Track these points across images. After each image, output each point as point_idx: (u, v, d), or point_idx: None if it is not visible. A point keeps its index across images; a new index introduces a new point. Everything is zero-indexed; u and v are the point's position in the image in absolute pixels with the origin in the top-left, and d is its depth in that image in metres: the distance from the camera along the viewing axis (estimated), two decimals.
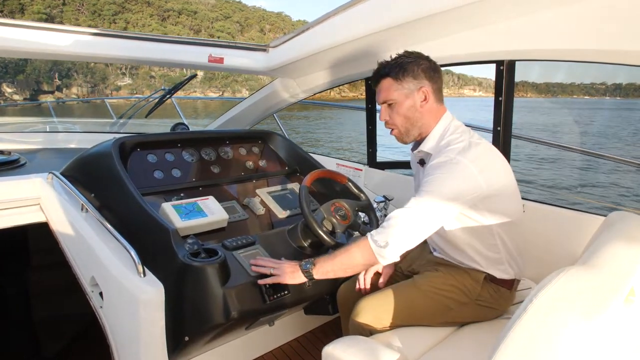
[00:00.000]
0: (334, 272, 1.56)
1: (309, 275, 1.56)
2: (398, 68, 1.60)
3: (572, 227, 1.98)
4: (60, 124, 5.70)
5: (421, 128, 1.66)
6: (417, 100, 1.62)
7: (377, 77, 1.66)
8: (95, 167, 2.02)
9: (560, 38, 1.78)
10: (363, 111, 2.86)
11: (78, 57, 2.50)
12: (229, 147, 2.44)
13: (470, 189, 1.48)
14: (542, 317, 0.89)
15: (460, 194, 1.48)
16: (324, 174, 2.00)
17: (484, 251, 1.64)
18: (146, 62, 2.69)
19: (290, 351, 2.32)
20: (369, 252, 1.48)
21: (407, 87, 1.61)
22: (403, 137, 1.70)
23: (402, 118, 1.64)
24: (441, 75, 1.67)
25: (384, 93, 1.65)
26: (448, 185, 1.47)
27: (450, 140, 1.57)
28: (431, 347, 1.58)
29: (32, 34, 2.30)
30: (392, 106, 1.65)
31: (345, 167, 3.05)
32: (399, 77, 1.60)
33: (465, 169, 1.47)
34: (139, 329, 1.59)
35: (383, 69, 1.64)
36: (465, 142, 1.55)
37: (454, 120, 1.66)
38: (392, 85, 1.62)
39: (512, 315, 1.67)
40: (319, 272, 1.55)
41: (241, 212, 2.11)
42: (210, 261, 1.52)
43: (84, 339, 2.63)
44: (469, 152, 1.50)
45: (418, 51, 1.66)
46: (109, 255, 1.70)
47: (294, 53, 2.48)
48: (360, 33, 2.07)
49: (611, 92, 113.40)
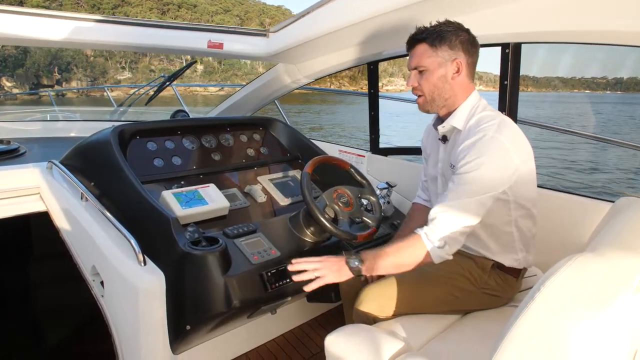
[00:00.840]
0: (385, 270, 1.50)
1: (358, 273, 1.49)
2: (436, 35, 1.54)
3: (580, 213, 1.95)
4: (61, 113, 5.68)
5: (447, 100, 1.60)
6: (449, 71, 1.56)
7: (413, 42, 1.60)
8: (95, 155, 1.99)
9: (567, 20, 1.74)
10: (354, 104, 2.82)
11: (75, 44, 2.46)
12: (229, 134, 2.41)
13: (510, 168, 1.45)
14: (550, 306, 0.87)
15: (502, 174, 1.44)
16: (326, 160, 1.97)
17: (498, 237, 1.61)
18: (145, 48, 2.64)
19: (293, 339, 2.31)
20: (424, 252, 1.44)
21: (441, 56, 1.55)
22: (427, 106, 1.64)
23: (431, 86, 1.59)
24: (478, 50, 1.61)
25: (416, 58, 1.59)
26: (489, 167, 1.42)
27: (481, 118, 1.53)
28: (435, 335, 1.56)
29: (28, 21, 2.26)
30: (423, 73, 1.59)
31: (347, 153, 3.02)
32: (435, 44, 1.54)
33: (503, 147, 1.43)
34: (140, 318, 1.58)
35: (420, 34, 1.57)
36: (499, 120, 1.50)
37: (482, 100, 1.62)
38: (426, 51, 1.56)
39: (518, 303, 1.67)
40: (369, 270, 1.49)
41: (242, 199, 2.08)
42: (211, 249, 1.50)
43: (87, 327, 2.63)
44: (504, 130, 1.46)
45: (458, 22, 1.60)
46: (109, 244, 1.68)
47: (295, 38, 2.44)
48: (363, 16, 2.02)
49: (612, 86, 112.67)
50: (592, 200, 1.96)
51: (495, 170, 1.43)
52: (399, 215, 2.40)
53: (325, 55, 2.65)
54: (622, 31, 1.62)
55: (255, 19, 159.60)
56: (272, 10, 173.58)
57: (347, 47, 2.47)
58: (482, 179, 1.42)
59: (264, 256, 1.66)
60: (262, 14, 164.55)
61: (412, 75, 1.63)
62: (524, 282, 1.76)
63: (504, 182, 1.46)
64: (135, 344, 1.65)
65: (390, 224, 2.30)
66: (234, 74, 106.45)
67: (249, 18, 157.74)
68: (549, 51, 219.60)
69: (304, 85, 3.10)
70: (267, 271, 1.62)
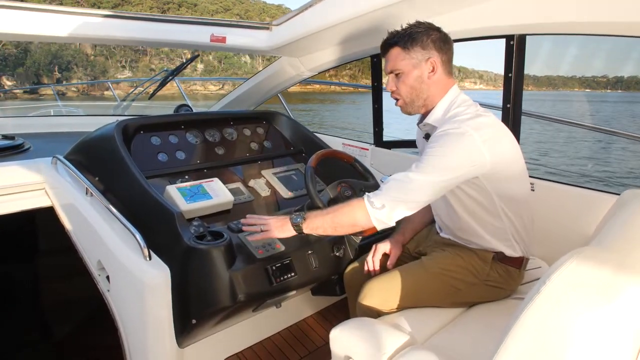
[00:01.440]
0: (324, 229, 1.54)
1: (299, 229, 1.54)
2: (407, 37, 1.56)
3: (584, 206, 1.95)
4: (65, 108, 5.69)
5: (426, 100, 1.62)
6: (424, 71, 1.58)
7: (386, 46, 1.62)
8: (99, 150, 2.00)
9: (574, 11, 1.72)
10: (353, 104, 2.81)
11: (78, 39, 2.46)
12: (233, 128, 2.41)
13: (473, 158, 1.43)
14: (556, 300, 0.86)
15: (463, 162, 1.43)
16: (330, 154, 1.97)
17: (489, 227, 1.61)
18: (147, 43, 2.64)
19: (298, 332, 2.32)
20: (363, 212, 1.46)
21: (415, 57, 1.56)
22: (407, 108, 1.66)
23: (408, 88, 1.60)
24: (452, 47, 1.62)
25: (391, 62, 1.61)
26: (449, 152, 1.42)
27: (456, 113, 1.53)
28: (440, 328, 1.56)
29: (30, 16, 2.26)
30: (399, 76, 1.60)
31: (351, 146, 3.01)
32: (407, 46, 1.56)
33: (469, 138, 1.42)
34: (146, 312, 1.59)
35: (392, 38, 1.60)
36: (472, 114, 1.51)
37: (461, 94, 1.62)
38: (399, 54, 1.58)
39: (521, 295, 1.67)
40: (309, 227, 1.54)
41: (246, 193, 2.09)
42: (216, 244, 1.51)
43: (93, 321, 2.65)
44: (473, 121, 1.46)
45: (429, 22, 1.61)
46: (114, 239, 1.69)
47: (298, 31, 2.42)
48: (366, 8, 2.01)
49: (612, 85, 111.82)
50: (596, 192, 1.95)
51: (455, 159, 1.43)
52: None
53: (328, 48, 2.64)
54: (630, 22, 1.60)
55: (256, 17, 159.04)
56: (273, 9, 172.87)
57: (350, 40, 2.46)
58: (440, 162, 1.42)
59: (268, 250, 1.66)
60: (262, 13, 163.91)
61: (390, 79, 1.65)
62: (527, 274, 1.76)
63: (462, 174, 1.44)
64: (141, 338, 1.66)
65: None
66: (234, 73, 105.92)
67: (249, 17, 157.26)
68: (549, 51, 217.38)
69: (307, 78, 3.09)
70: (271, 265, 1.63)
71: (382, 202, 1.44)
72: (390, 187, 1.45)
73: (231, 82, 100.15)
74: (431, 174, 1.42)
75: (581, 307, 0.84)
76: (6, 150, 2.40)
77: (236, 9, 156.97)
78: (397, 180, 1.45)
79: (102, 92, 23.76)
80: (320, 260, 1.79)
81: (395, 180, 1.45)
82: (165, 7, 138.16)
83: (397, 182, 1.45)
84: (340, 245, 1.89)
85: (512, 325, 0.91)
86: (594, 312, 0.83)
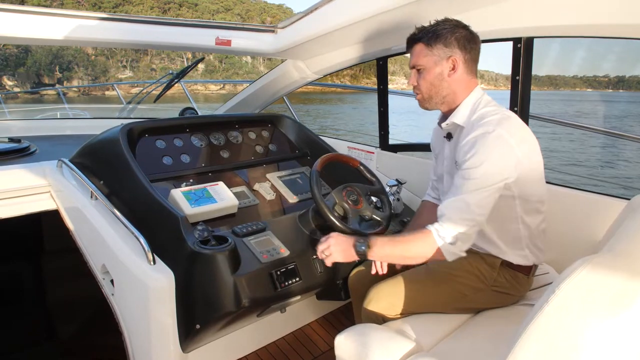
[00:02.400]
0: (391, 259, 1.56)
1: (363, 257, 1.52)
2: (431, 34, 1.56)
3: (593, 211, 1.92)
4: (71, 111, 5.72)
5: (446, 97, 1.61)
6: (445, 68, 1.57)
7: (411, 42, 1.63)
8: (104, 153, 2.00)
9: (580, 13, 1.70)
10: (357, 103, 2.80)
11: (83, 42, 2.47)
12: (238, 131, 2.40)
13: (512, 161, 1.45)
14: (566, 308, 0.85)
15: (504, 166, 1.44)
16: (336, 158, 1.95)
17: (505, 234, 1.59)
18: (153, 46, 2.64)
19: (302, 337, 2.31)
20: (434, 248, 1.44)
21: (436, 55, 1.57)
22: (425, 103, 1.67)
23: (428, 85, 1.61)
24: (478, 46, 1.61)
25: (414, 58, 1.62)
26: (491, 161, 1.43)
27: (483, 113, 1.52)
28: (446, 335, 1.54)
29: (34, 20, 2.26)
30: (421, 72, 1.61)
31: (356, 150, 3.00)
32: (430, 43, 1.56)
33: (504, 141, 1.43)
34: (150, 316, 1.59)
35: (417, 34, 1.60)
36: (501, 114, 1.50)
37: (485, 95, 1.61)
38: (422, 50, 1.59)
39: (529, 302, 1.65)
40: (375, 255, 1.51)
41: (251, 197, 2.08)
42: (220, 249, 1.50)
43: (97, 323, 2.65)
44: (506, 124, 1.46)
45: (457, 19, 1.60)
46: (118, 243, 1.68)
47: (303, 34, 2.42)
48: (371, 12, 2.00)
49: (614, 85, 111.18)
50: (606, 197, 1.92)
51: (497, 164, 1.43)
52: (408, 212, 2.38)
53: (333, 51, 2.63)
54: (636, 24, 1.59)
55: (257, 17, 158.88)
56: (274, 8, 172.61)
57: (356, 42, 2.45)
58: (485, 173, 1.42)
59: (273, 255, 1.65)
60: (263, 13, 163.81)
61: (412, 74, 1.66)
62: (535, 280, 1.74)
63: (506, 175, 1.45)
64: (145, 342, 1.66)
65: (399, 221, 2.28)
66: (235, 73, 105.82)
67: (250, 17, 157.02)
68: (550, 50, 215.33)
69: (312, 81, 3.08)
70: (276, 270, 1.62)
71: (453, 236, 1.42)
72: (454, 219, 1.43)
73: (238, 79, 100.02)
74: (483, 189, 1.43)
75: (592, 317, 0.82)
76: (12, 154, 2.41)
77: (237, 8, 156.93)
78: (457, 209, 1.44)
79: (103, 92, 23.79)
80: (325, 265, 1.78)
81: (455, 210, 1.44)
82: (165, 6, 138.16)
83: (458, 212, 1.43)
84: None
85: (520, 334, 0.89)
86: (605, 322, 0.82)
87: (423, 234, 1.46)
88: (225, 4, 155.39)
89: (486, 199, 1.43)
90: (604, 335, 0.81)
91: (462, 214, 1.42)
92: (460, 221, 1.42)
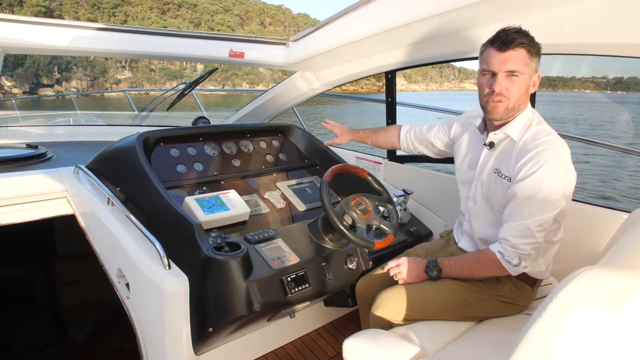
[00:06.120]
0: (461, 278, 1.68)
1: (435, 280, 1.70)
2: (533, 44, 1.52)
3: (595, 223, 1.96)
4: (83, 117, 5.82)
5: (517, 111, 1.60)
6: (531, 82, 1.58)
7: (514, 43, 1.49)
8: (120, 161, 2.06)
9: (582, 32, 1.75)
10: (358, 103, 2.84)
11: (96, 52, 2.53)
12: (249, 140, 2.46)
13: (568, 184, 1.51)
14: (563, 317, 0.88)
15: (563, 189, 1.50)
16: (345, 169, 2.01)
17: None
18: (170, 57, 2.72)
19: (310, 342, 2.35)
20: (501, 269, 1.57)
21: (533, 66, 1.55)
22: (505, 112, 1.58)
23: (518, 95, 1.55)
24: None
25: (513, 61, 1.51)
26: (552, 182, 1.48)
27: (538, 131, 1.56)
28: (450, 341, 1.58)
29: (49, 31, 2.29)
30: (514, 79, 1.52)
31: (364, 160, 3.05)
32: (532, 52, 1.52)
33: (563, 163, 1.49)
34: (165, 319, 1.64)
35: (523, 37, 1.50)
36: (554, 134, 1.56)
37: (536, 112, 1.65)
38: (526, 57, 1.51)
39: (533, 311, 1.68)
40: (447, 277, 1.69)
41: (262, 205, 2.14)
42: (234, 255, 1.55)
43: (111, 326, 2.70)
44: (562, 145, 1.52)
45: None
46: (134, 248, 1.74)
47: (314, 48, 2.48)
48: (380, 28, 2.06)
49: (612, 86, 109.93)
50: (608, 210, 1.96)
51: (557, 186, 1.48)
52: (415, 222, 2.43)
53: (344, 64, 2.69)
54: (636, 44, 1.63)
55: (256, 18, 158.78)
56: (273, 9, 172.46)
57: (365, 56, 2.51)
58: (547, 195, 1.47)
59: (283, 261, 1.70)
60: (262, 14, 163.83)
61: (501, 77, 1.53)
62: (539, 291, 1.77)
63: (564, 197, 1.51)
64: (159, 344, 1.71)
65: (406, 230, 2.33)
66: (234, 74, 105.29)
67: (249, 17, 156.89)
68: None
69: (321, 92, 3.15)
70: (287, 276, 1.67)
71: (518, 257, 1.53)
72: (517, 244, 1.52)
73: (230, 82, 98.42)
74: (544, 214, 1.49)
75: (587, 325, 0.86)
76: (30, 160, 2.48)
77: (236, 9, 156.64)
78: (520, 236, 1.51)
79: (102, 94, 24.01)
80: (334, 272, 1.82)
81: (518, 236, 1.52)
82: (165, 7, 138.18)
83: (521, 238, 1.51)
84: (353, 258, 1.92)
85: (518, 342, 0.92)
86: (600, 330, 0.85)
87: (488, 258, 1.59)
88: (225, 5, 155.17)
89: (546, 222, 1.51)
90: (600, 343, 0.85)
91: (525, 239, 1.51)
92: (524, 245, 1.51)
